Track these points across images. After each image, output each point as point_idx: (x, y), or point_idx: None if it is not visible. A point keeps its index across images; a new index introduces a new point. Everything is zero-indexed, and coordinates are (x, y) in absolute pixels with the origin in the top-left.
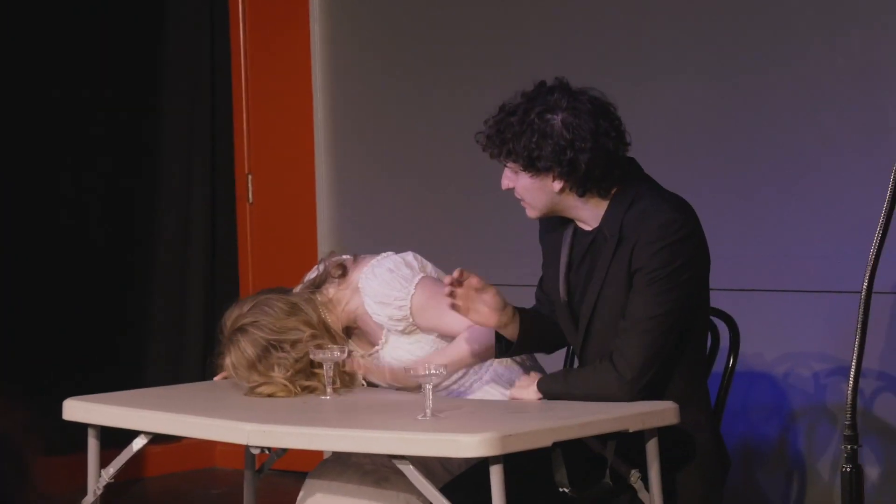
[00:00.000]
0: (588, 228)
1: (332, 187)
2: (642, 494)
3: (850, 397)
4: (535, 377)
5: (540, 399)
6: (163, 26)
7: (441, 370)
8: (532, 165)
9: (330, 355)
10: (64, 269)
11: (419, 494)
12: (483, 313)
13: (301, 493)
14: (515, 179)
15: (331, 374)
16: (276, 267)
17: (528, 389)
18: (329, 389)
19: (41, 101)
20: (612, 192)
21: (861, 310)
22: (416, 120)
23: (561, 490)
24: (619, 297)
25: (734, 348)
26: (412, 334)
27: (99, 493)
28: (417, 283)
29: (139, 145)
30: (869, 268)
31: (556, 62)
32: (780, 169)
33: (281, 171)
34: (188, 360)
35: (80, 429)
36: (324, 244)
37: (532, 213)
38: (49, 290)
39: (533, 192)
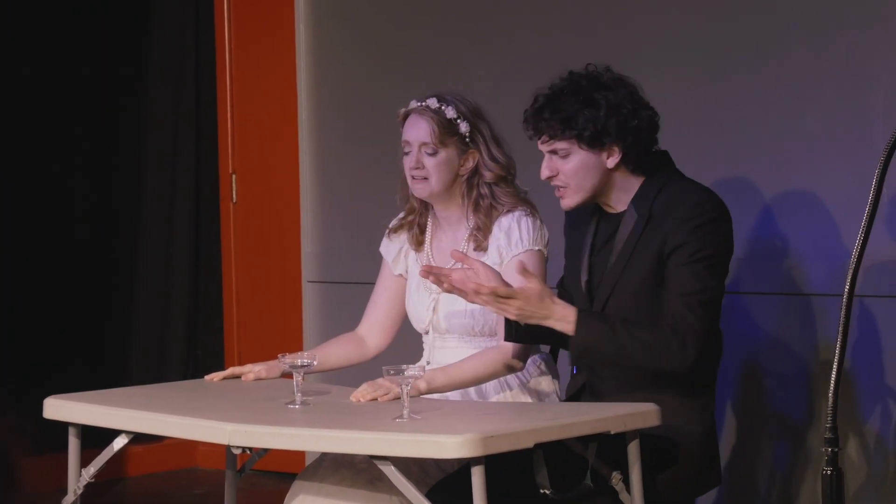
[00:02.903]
0: (615, 212)
1: (316, 187)
2: (623, 496)
3: (831, 400)
4: (573, 309)
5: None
6: (148, 25)
7: (419, 371)
8: (597, 139)
9: (298, 363)
10: (47, 268)
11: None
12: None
13: (288, 495)
14: (562, 164)
15: (300, 381)
16: (259, 266)
17: (564, 322)
18: (298, 397)
19: (25, 99)
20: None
21: (843, 312)
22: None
23: (542, 492)
24: (641, 276)
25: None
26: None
27: (79, 492)
28: (538, 251)
29: (123, 144)
30: (851, 271)
31: (543, 60)
32: (764, 171)
33: (265, 170)
34: (171, 359)
35: (62, 428)
36: (307, 244)
37: (572, 200)
38: (32, 289)
39: (583, 172)
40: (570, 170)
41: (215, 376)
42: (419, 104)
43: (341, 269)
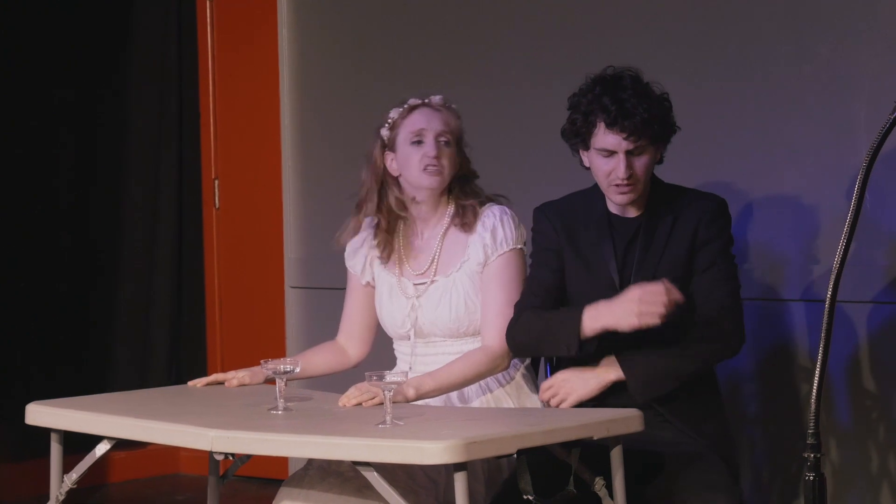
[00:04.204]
0: (632, 216)
1: (299, 193)
2: (606, 502)
3: (813, 406)
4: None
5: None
6: (130, 30)
7: (402, 377)
8: (666, 137)
9: (281, 368)
10: (30, 273)
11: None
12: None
13: (273, 503)
14: (636, 162)
15: (283, 387)
16: (242, 272)
17: (614, 373)
18: (281, 403)
19: (6, 105)
20: None
21: (825, 318)
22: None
23: (525, 497)
24: (676, 272)
25: None
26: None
27: (61, 498)
28: (520, 249)
29: (106, 150)
30: (833, 276)
31: (525, 63)
32: (747, 177)
33: (248, 176)
34: (154, 364)
35: (44, 434)
36: (290, 249)
37: (636, 195)
38: (14, 295)
39: (650, 169)
40: (642, 166)
41: (198, 382)
42: (431, 99)
43: (324, 274)
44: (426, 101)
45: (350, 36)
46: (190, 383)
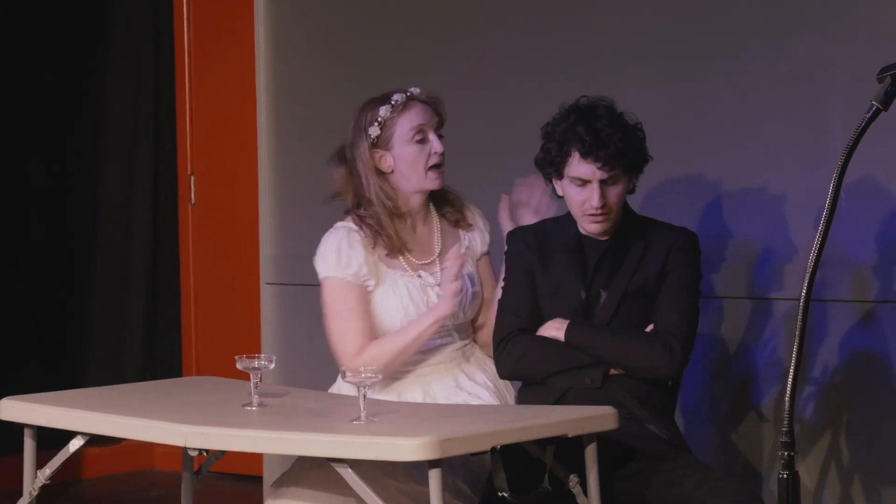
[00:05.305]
0: (602, 238)
1: (275, 189)
2: (580, 499)
3: (787, 404)
4: (564, 321)
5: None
6: (106, 25)
7: (377, 375)
8: (641, 167)
9: (255, 364)
10: (2, 269)
11: (400, 497)
12: None
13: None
14: (609, 191)
15: (257, 383)
16: (218, 268)
17: (557, 330)
18: (255, 399)
19: None
20: None
21: (800, 317)
22: None
23: (500, 494)
24: (646, 294)
25: None
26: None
27: (35, 494)
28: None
29: (81, 145)
30: (807, 275)
31: (502, 63)
32: (722, 175)
33: (224, 172)
34: (129, 360)
35: (17, 429)
36: (266, 245)
37: (608, 224)
38: None
39: (622, 199)
40: (615, 196)
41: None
42: (414, 93)
43: (300, 271)
44: (409, 94)
45: (326, 32)
46: None
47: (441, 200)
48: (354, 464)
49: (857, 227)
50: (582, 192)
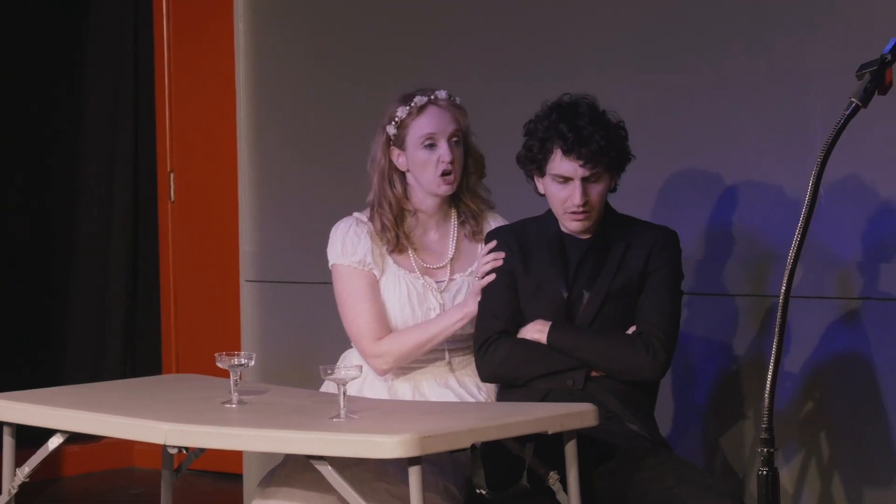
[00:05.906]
0: (584, 237)
1: (255, 186)
2: (560, 496)
3: (767, 400)
4: (546, 323)
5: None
6: (86, 21)
7: (357, 372)
8: (622, 165)
9: (235, 362)
10: None
11: (390, 500)
12: None
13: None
14: (592, 189)
15: (237, 381)
16: (197, 265)
17: (539, 333)
18: (235, 396)
19: None
20: None
21: (779, 313)
22: (340, 117)
23: (478, 492)
24: (628, 294)
25: None
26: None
27: (14, 492)
28: None
29: (60, 142)
30: (787, 272)
31: (482, 59)
32: (702, 172)
33: (203, 169)
34: (109, 358)
35: None
36: (246, 242)
37: (590, 222)
38: None
39: (604, 197)
40: (597, 194)
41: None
42: (437, 95)
43: (279, 268)
44: (432, 97)
45: (307, 28)
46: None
47: (465, 210)
48: (345, 466)
49: (841, 225)
50: (564, 190)
